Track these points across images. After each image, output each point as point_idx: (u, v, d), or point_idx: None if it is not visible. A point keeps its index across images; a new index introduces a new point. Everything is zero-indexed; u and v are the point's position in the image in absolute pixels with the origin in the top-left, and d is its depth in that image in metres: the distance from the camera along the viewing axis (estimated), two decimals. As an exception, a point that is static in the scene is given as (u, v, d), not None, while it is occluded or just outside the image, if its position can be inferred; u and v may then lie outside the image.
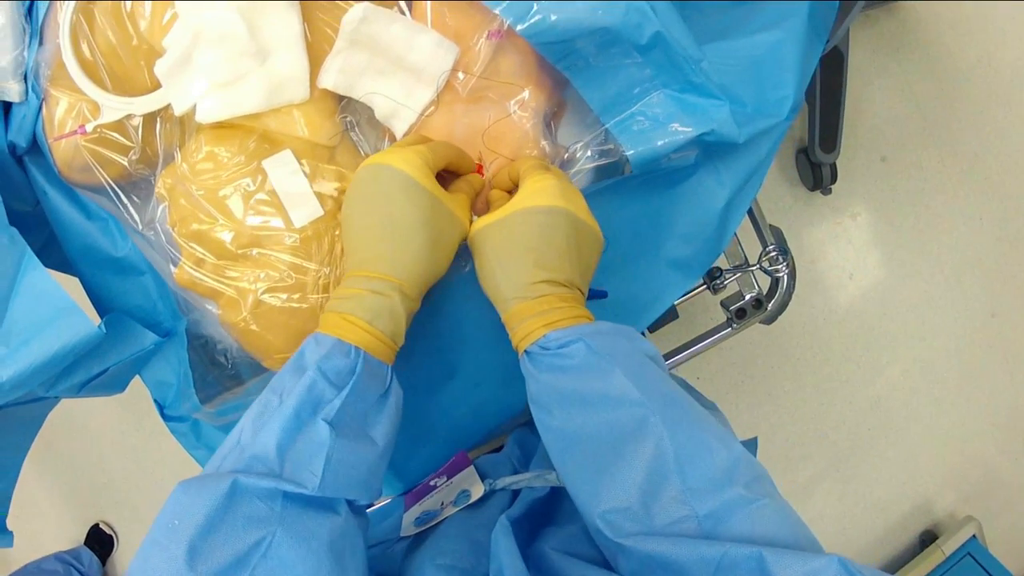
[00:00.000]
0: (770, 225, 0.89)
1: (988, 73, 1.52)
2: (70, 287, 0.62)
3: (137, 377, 0.72)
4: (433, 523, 0.56)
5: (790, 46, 0.67)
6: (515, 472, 0.63)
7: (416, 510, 0.58)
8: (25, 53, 0.63)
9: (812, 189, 1.49)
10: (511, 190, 0.57)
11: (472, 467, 0.61)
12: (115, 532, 1.81)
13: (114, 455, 1.75)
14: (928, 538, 1.53)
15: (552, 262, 0.50)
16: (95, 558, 1.73)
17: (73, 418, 1.74)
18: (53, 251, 0.72)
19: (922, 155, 1.52)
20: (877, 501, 1.59)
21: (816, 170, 1.45)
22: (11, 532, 0.76)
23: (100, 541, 1.78)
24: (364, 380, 0.48)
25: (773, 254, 0.86)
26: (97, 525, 1.79)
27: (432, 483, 0.61)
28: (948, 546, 1.42)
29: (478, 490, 0.57)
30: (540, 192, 0.51)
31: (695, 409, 0.45)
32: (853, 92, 1.46)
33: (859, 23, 1.49)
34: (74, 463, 1.76)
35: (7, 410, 0.70)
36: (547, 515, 0.57)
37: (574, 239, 0.51)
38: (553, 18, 0.54)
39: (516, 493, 0.58)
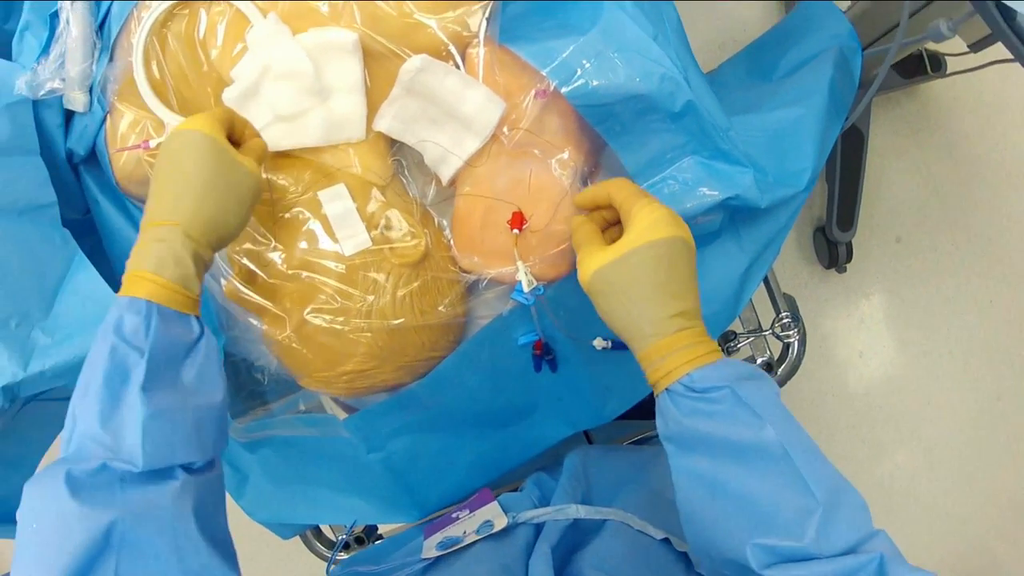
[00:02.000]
0: (784, 293, 0.92)
1: (1005, 158, 1.55)
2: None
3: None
4: (455, 548, 0.57)
5: (811, 121, 0.71)
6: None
7: (438, 536, 0.60)
8: (94, 66, 0.66)
9: (828, 267, 1.52)
10: (594, 210, 0.58)
11: (496, 502, 0.62)
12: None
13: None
14: (925, 622, 1.50)
15: (682, 293, 0.50)
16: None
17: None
18: (97, 261, 0.75)
19: (937, 237, 1.55)
20: (875, 581, 1.56)
21: (832, 248, 1.47)
22: None
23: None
24: (164, 335, 0.48)
25: (786, 320, 0.89)
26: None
27: (455, 515, 0.63)
28: (944, 631, 1.40)
29: (501, 521, 0.58)
30: (658, 223, 0.50)
31: (821, 454, 0.47)
32: (872, 172, 1.49)
33: (880, 105, 1.53)
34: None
35: (38, 404, 0.73)
36: (575, 542, 0.58)
37: (692, 267, 0.52)
38: (595, 83, 0.58)
39: (538, 528, 0.60)
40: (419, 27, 0.59)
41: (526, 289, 0.58)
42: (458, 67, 0.59)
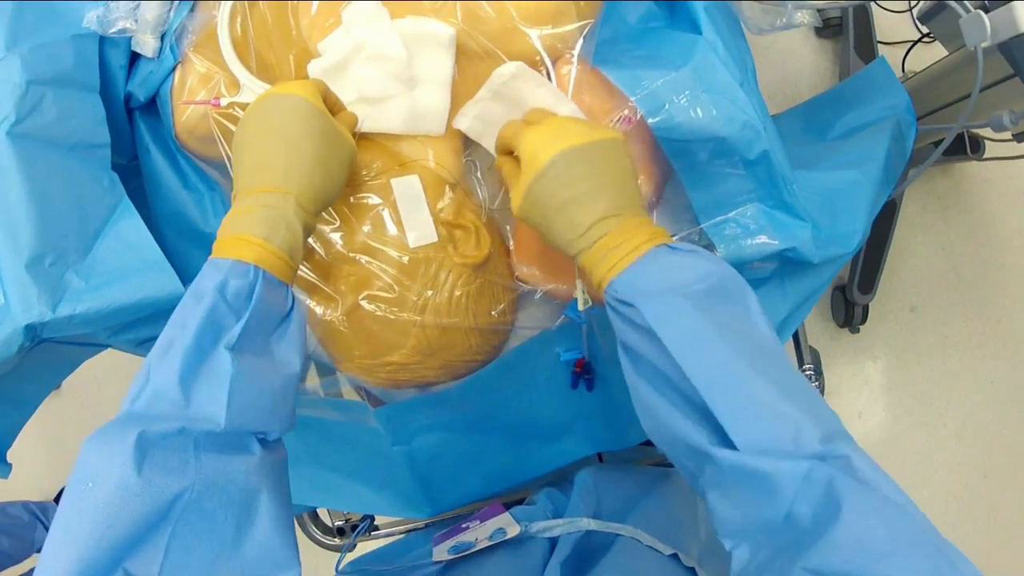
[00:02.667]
0: (810, 347, 0.93)
1: (1026, 244, 1.58)
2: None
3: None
4: (468, 552, 0.57)
5: (866, 186, 0.72)
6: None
7: (449, 542, 0.59)
8: (171, 13, 0.65)
9: (842, 325, 1.55)
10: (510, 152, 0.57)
11: (507, 513, 0.62)
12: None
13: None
14: None
15: (592, 198, 0.49)
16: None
17: (89, 378, 1.72)
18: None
19: (949, 312, 1.57)
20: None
21: (849, 308, 1.51)
22: (10, 464, 0.75)
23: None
24: (264, 301, 0.48)
25: (809, 372, 0.91)
26: (70, 485, 1.74)
27: (464, 525, 0.63)
28: None
29: (513, 530, 0.58)
30: (536, 153, 0.50)
31: (750, 368, 0.42)
32: (897, 242, 1.52)
33: (914, 177, 1.56)
34: (68, 419, 1.73)
35: (52, 346, 0.71)
36: (587, 558, 0.58)
37: (594, 170, 0.50)
38: (680, 119, 0.58)
39: (553, 543, 0.60)
40: (517, 34, 0.59)
41: (581, 308, 0.58)
42: (550, 79, 0.59)
